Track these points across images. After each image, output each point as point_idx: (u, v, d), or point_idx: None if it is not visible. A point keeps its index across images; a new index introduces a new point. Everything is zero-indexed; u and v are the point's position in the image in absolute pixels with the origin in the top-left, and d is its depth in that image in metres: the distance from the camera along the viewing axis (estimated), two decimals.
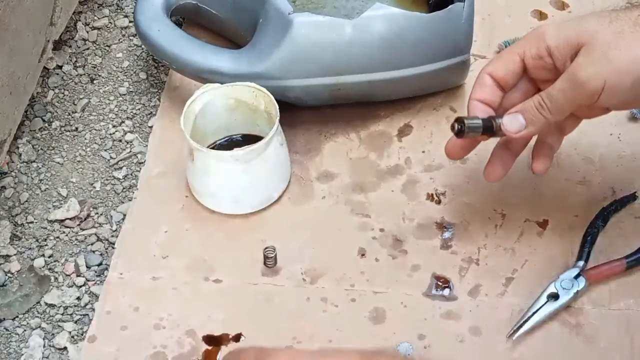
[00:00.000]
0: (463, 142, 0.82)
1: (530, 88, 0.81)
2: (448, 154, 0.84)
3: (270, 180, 0.89)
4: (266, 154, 0.85)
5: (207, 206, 0.89)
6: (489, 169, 0.84)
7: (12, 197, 0.93)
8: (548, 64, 0.79)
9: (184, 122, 0.86)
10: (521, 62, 0.80)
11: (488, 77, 0.81)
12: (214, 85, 0.89)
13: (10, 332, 0.84)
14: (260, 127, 0.90)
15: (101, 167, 0.96)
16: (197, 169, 0.87)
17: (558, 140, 0.84)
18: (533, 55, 0.79)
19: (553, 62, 0.78)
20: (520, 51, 0.80)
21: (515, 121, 0.78)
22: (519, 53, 0.80)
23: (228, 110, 0.90)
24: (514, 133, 0.79)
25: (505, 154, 0.83)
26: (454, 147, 0.83)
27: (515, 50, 0.80)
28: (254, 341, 0.80)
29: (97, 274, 0.88)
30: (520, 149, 0.84)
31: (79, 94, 1.02)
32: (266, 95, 0.87)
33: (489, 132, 0.80)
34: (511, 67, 0.80)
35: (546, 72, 0.79)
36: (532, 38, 0.80)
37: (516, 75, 0.81)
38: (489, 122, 0.79)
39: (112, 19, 1.09)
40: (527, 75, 0.81)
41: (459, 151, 0.83)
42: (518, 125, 0.78)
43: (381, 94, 0.95)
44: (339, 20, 0.89)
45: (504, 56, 0.81)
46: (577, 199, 0.89)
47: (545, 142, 0.83)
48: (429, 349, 0.79)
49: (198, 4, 1.00)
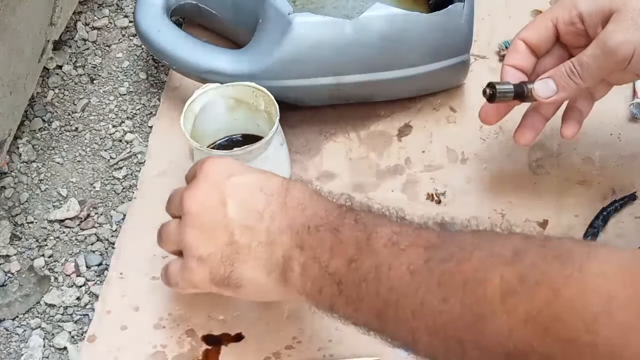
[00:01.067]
0: (497, 107, 0.83)
1: (563, 54, 0.83)
2: (483, 120, 0.84)
3: None
4: (266, 154, 0.85)
5: None
6: (519, 132, 0.84)
7: (12, 197, 0.93)
8: (580, 30, 0.80)
9: (184, 122, 0.86)
10: (554, 28, 0.81)
11: (521, 43, 0.82)
12: (214, 85, 0.89)
13: (10, 332, 0.84)
14: (260, 127, 0.90)
15: (101, 167, 0.96)
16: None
17: (588, 106, 0.85)
18: (565, 21, 0.80)
19: (585, 29, 0.79)
20: (553, 17, 0.81)
21: (546, 87, 0.79)
22: (551, 19, 0.81)
23: (228, 110, 0.90)
24: (544, 98, 0.80)
25: (536, 118, 0.84)
26: (488, 112, 0.84)
27: (548, 16, 0.81)
28: (254, 341, 0.80)
29: (97, 274, 0.88)
30: (551, 113, 0.85)
31: (79, 94, 1.02)
32: (266, 95, 0.87)
33: (520, 97, 0.81)
34: (544, 33, 0.81)
35: (578, 38, 0.80)
36: (564, 4, 0.80)
37: (549, 41, 0.82)
38: (520, 88, 0.80)
39: (112, 19, 1.09)
40: (560, 42, 0.82)
41: (494, 116, 0.84)
42: (549, 91, 0.79)
43: (381, 94, 0.95)
44: (339, 20, 0.89)
45: (537, 22, 0.82)
46: (577, 199, 0.89)
47: (576, 107, 0.84)
48: None
49: (198, 4, 1.00)
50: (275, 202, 0.70)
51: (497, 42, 1.01)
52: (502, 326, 0.56)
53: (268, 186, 0.72)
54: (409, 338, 0.62)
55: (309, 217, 0.69)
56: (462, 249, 0.61)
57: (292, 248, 0.68)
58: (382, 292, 0.63)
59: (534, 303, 0.55)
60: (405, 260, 0.62)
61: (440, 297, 0.59)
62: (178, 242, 0.74)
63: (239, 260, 0.71)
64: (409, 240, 0.64)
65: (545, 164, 0.92)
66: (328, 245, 0.66)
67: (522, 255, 0.58)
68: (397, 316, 0.62)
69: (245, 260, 0.70)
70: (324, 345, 0.80)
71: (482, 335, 0.57)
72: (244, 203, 0.71)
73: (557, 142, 0.92)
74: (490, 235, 0.63)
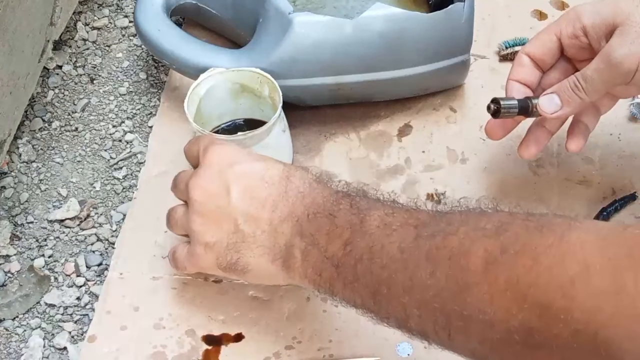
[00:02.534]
0: (504, 122, 0.83)
1: (568, 67, 0.83)
2: (489, 135, 0.85)
3: None
4: (268, 140, 0.86)
5: None
6: (523, 146, 0.84)
7: (12, 197, 0.93)
8: (584, 43, 0.80)
9: (188, 105, 0.86)
10: (558, 41, 0.81)
11: (526, 57, 0.82)
12: (220, 70, 0.89)
13: (10, 332, 0.84)
14: (264, 113, 0.90)
15: (101, 167, 0.96)
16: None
17: (594, 120, 0.85)
18: (569, 34, 0.80)
19: (589, 42, 0.79)
20: (557, 30, 0.81)
21: (551, 102, 0.79)
22: (555, 32, 0.81)
23: (232, 94, 0.90)
24: (549, 113, 0.80)
25: (540, 132, 0.84)
26: (494, 127, 0.84)
27: (552, 30, 0.82)
28: (254, 341, 0.80)
29: (97, 274, 0.88)
30: (556, 128, 0.85)
31: (79, 94, 1.02)
32: (270, 81, 0.87)
33: (525, 113, 0.81)
34: (548, 46, 0.82)
35: (582, 52, 0.81)
36: (568, 17, 0.81)
37: (553, 55, 0.82)
38: (525, 103, 0.80)
39: (112, 19, 1.09)
40: (564, 55, 0.82)
41: (499, 131, 0.84)
42: (554, 106, 0.79)
43: (381, 94, 0.95)
44: (339, 20, 0.89)
45: (541, 36, 0.82)
46: (577, 199, 0.89)
47: (581, 121, 0.84)
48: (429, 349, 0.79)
49: (198, 4, 1.00)
50: (276, 191, 0.73)
51: (497, 42, 1.01)
52: (484, 295, 0.58)
53: (269, 175, 0.74)
54: (401, 314, 0.64)
55: (307, 205, 0.71)
56: (450, 224, 0.63)
57: (293, 236, 0.71)
58: (376, 270, 0.65)
59: (514, 271, 0.57)
60: (397, 238, 0.64)
61: (428, 271, 0.61)
62: (185, 227, 0.77)
63: (244, 247, 0.73)
64: (401, 220, 0.66)
65: (545, 164, 0.92)
66: (325, 230, 0.69)
67: (505, 227, 0.60)
68: (390, 293, 0.64)
69: (250, 248, 0.73)
70: (324, 345, 0.80)
71: (465, 304, 0.59)
72: (247, 191, 0.74)
73: (557, 142, 0.92)
74: (478, 213, 0.64)
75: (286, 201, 0.72)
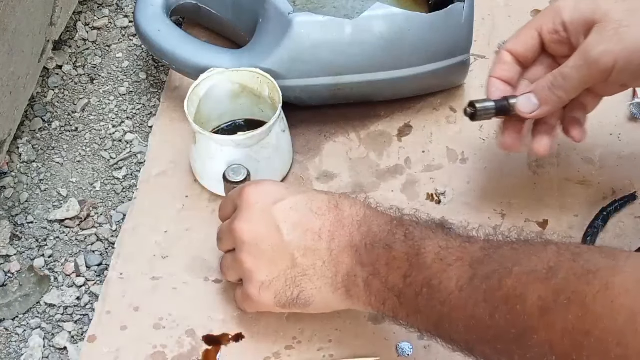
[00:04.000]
0: (514, 132, 0.81)
1: (551, 63, 0.82)
2: (507, 149, 0.83)
3: (271, 165, 0.88)
4: (268, 140, 0.85)
5: (209, 190, 0.89)
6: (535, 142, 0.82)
7: (12, 197, 0.93)
8: (564, 38, 0.79)
9: (188, 106, 0.86)
10: (539, 37, 0.81)
11: (507, 54, 0.82)
12: (219, 70, 0.89)
13: (10, 332, 0.84)
14: (264, 113, 0.90)
15: (101, 167, 0.96)
16: (199, 152, 0.88)
17: (582, 117, 0.83)
18: (549, 30, 0.80)
19: (568, 37, 0.79)
20: (538, 26, 0.81)
21: (528, 102, 0.79)
22: (536, 28, 0.81)
23: (232, 95, 0.90)
24: (527, 113, 0.79)
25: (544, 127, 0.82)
26: (506, 141, 0.82)
27: (533, 25, 0.81)
28: (254, 341, 0.80)
29: (97, 274, 0.88)
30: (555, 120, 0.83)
31: (79, 94, 1.02)
32: (270, 81, 0.87)
33: (504, 113, 0.80)
34: (530, 42, 0.81)
35: (563, 47, 0.80)
36: (549, 13, 0.80)
37: (535, 51, 0.81)
38: (503, 103, 0.79)
39: (112, 19, 1.09)
40: (546, 51, 0.82)
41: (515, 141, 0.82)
42: (532, 106, 0.79)
43: (381, 94, 0.95)
44: (339, 20, 0.89)
45: (522, 32, 0.82)
46: (577, 199, 0.89)
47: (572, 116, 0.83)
48: (429, 349, 0.79)
49: (198, 4, 1.00)
50: (329, 221, 0.73)
51: (497, 42, 1.01)
52: (543, 340, 0.60)
53: (317, 206, 0.74)
54: (464, 346, 0.66)
55: (364, 234, 0.72)
56: (502, 265, 0.64)
57: (355, 265, 0.72)
58: (436, 306, 0.66)
59: (568, 319, 0.58)
60: (454, 275, 0.65)
61: (487, 312, 0.63)
62: (238, 271, 0.77)
63: (305, 280, 0.74)
64: (455, 255, 0.67)
65: (545, 164, 0.92)
66: (384, 261, 0.70)
67: (555, 271, 0.61)
68: (452, 328, 0.66)
69: (312, 280, 0.73)
70: (324, 345, 0.80)
71: (528, 348, 0.61)
72: (298, 226, 0.73)
73: (557, 142, 0.92)
74: (528, 248, 0.65)
75: (342, 230, 0.72)
